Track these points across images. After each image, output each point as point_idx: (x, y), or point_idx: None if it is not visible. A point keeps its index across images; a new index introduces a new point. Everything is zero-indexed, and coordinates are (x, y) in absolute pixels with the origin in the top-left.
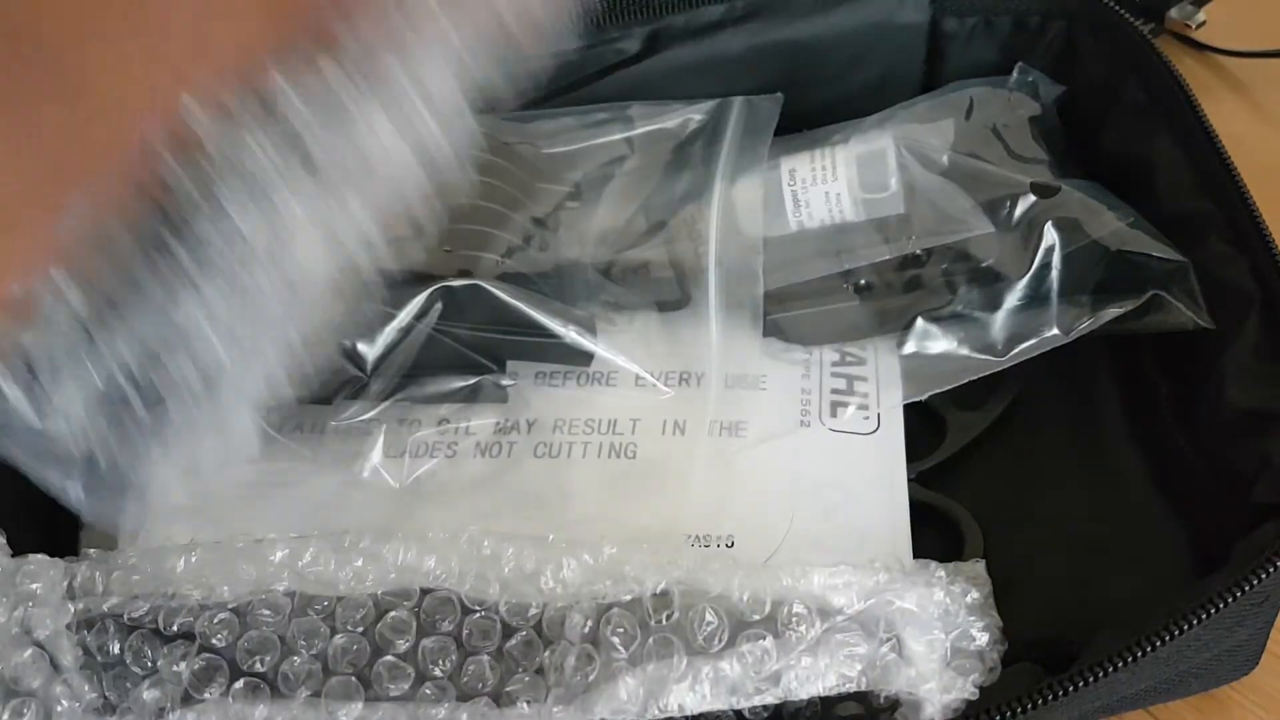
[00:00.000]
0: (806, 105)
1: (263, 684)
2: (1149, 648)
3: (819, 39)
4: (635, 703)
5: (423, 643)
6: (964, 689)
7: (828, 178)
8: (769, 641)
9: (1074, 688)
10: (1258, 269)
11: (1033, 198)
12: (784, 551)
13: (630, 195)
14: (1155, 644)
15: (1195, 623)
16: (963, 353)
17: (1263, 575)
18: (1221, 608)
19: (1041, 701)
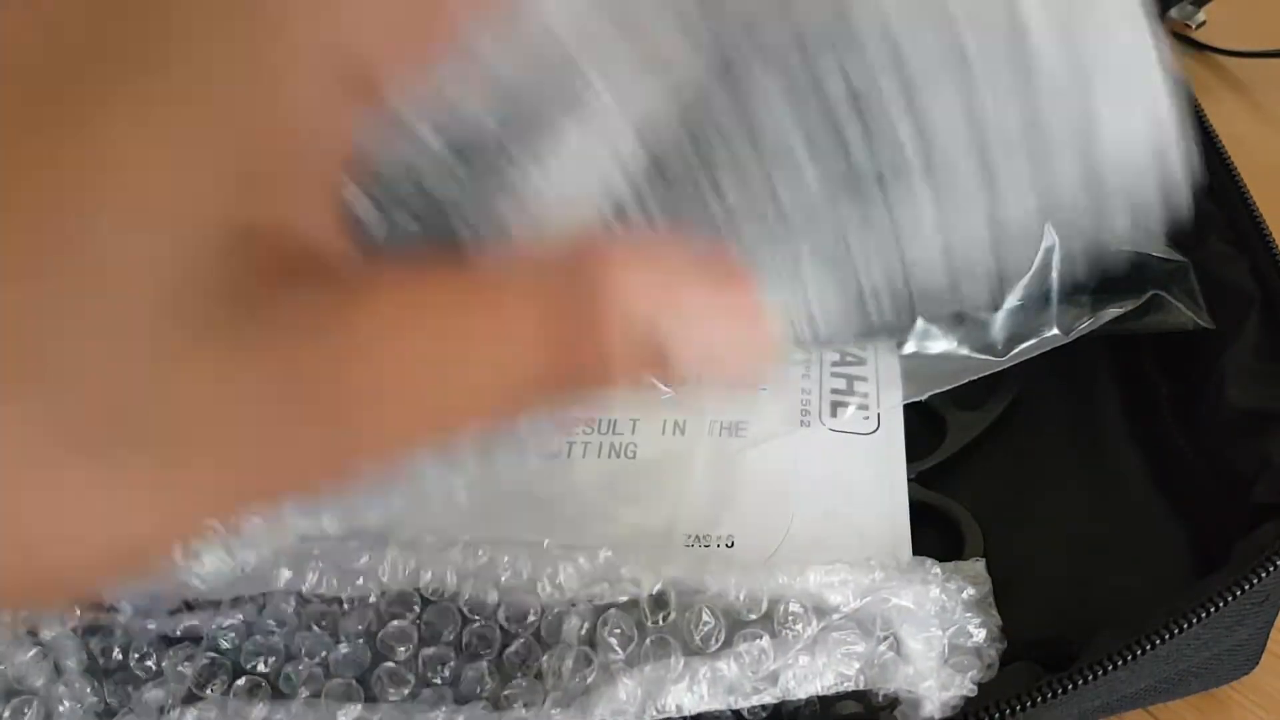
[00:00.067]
0: None
1: (264, 683)
2: (1149, 646)
3: None
4: (634, 704)
5: (423, 651)
6: (963, 686)
7: None
8: (766, 641)
9: (1073, 686)
10: (1258, 269)
11: None
12: (784, 551)
13: None
14: (1155, 642)
15: (1195, 621)
16: (963, 352)
17: (1263, 575)
18: (1221, 607)
19: (1041, 699)
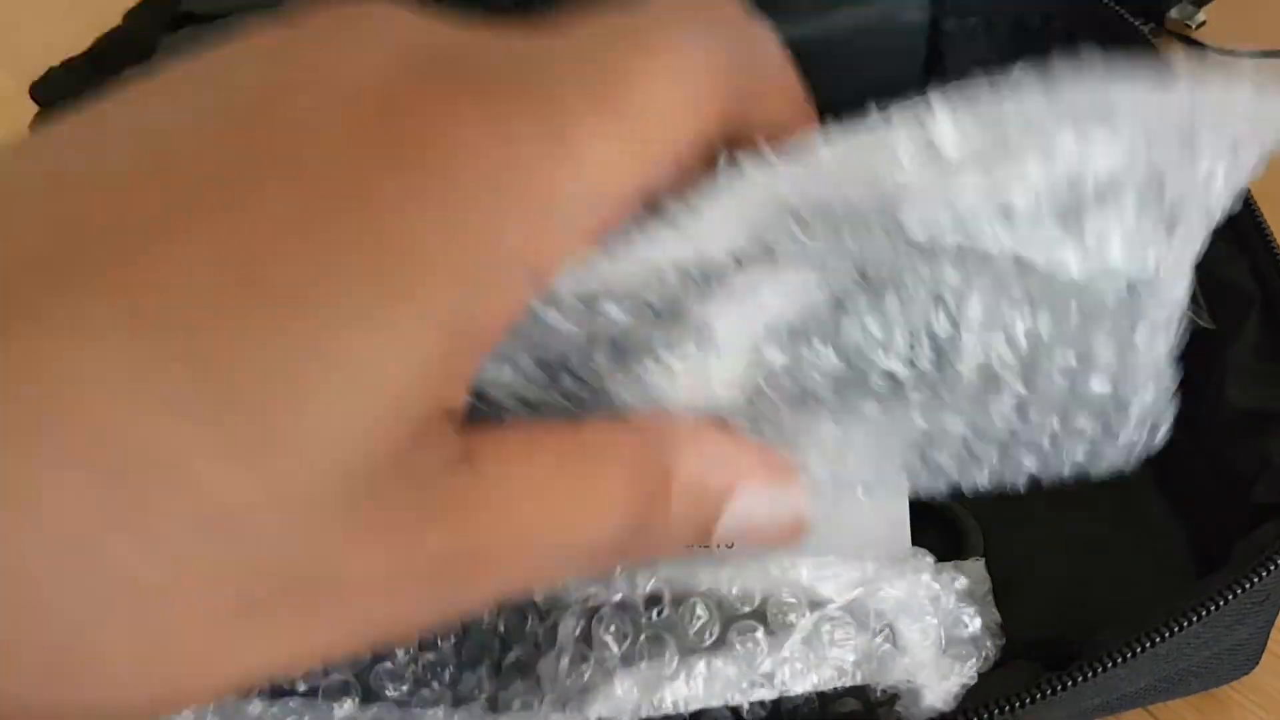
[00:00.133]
0: None
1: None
2: (1148, 645)
3: (819, 39)
4: (630, 701)
5: (424, 655)
6: (962, 674)
7: None
8: (760, 633)
9: (1072, 684)
10: (1258, 269)
11: None
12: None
13: None
14: (1154, 641)
15: (1194, 621)
16: None
17: (1263, 574)
18: (1221, 606)
19: (1040, 697)
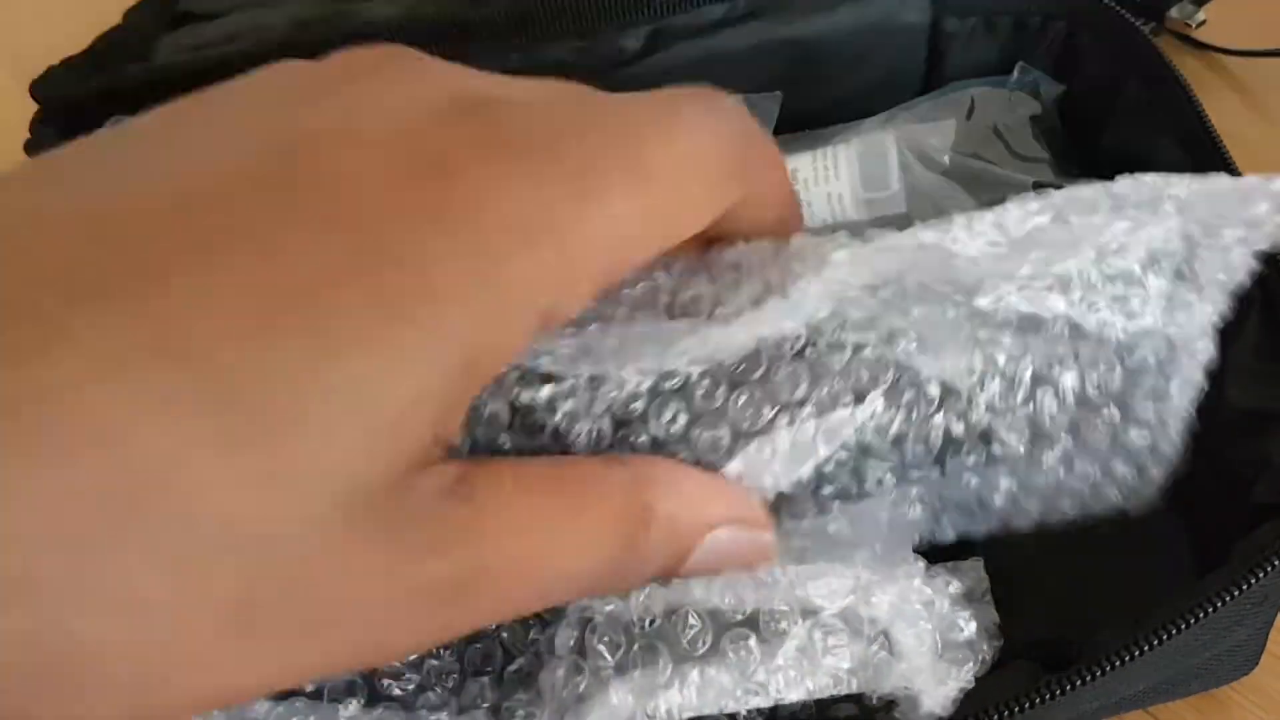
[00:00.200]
0: (808, 105)
1: None
2: (1147, 645)
3: (820, 38)
4: (625, 710)
5: (428, 662)
6: (959, 679)
7: (830, 178)
8: (753, 641)
9: (1072, 686)
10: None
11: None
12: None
13: None
14: (1154, 642)
15: (1194, 621)
16: None
17: (1262, 575)
18: (1220, 606)
19: (1040, 700)
